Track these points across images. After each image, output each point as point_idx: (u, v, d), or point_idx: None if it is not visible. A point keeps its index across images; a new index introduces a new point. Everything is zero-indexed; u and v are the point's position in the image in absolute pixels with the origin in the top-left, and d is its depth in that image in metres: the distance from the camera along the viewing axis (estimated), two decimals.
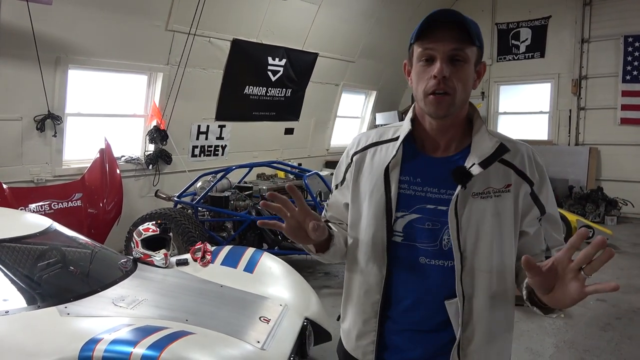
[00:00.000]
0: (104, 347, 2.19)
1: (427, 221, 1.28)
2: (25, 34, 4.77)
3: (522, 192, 1.27)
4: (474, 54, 1.24)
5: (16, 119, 5.15)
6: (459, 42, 1.20)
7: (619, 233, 7.38)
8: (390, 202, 1.30)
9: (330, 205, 1.51)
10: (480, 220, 1.24)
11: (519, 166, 1.28)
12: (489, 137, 1.28)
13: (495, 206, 1.25)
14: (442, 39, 1.20)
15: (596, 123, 9.16)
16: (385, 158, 1.33)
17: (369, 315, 1.35)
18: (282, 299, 3.16)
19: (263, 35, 7.26)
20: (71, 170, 5.68)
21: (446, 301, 1.27)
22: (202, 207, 5.41)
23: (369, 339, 1.35)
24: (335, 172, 1.49)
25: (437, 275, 1.28)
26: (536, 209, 1.29)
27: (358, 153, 1.40)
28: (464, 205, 1.24)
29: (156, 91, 6.43)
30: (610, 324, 4.27)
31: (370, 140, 1.40)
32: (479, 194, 1.25)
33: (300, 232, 1.24)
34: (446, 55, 1.20)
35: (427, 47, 1.22)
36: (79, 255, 3.32)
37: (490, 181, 1.26)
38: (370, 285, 1.34)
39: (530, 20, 9.72)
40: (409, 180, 1.30)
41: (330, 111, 9.53)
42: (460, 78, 1.22)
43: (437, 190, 1.28)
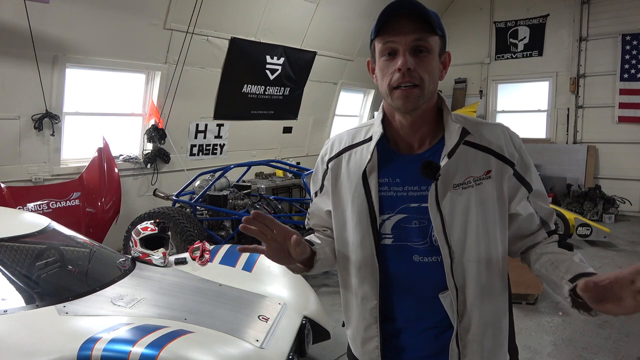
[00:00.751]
0: (102, 346, 2.19)
1: (414, 220, 1.27)
2: (23, 32, 4.76)
3: (506, 175, 1.26)
4: (436, 43, 1.21)
5: (14, 118, 5.14)
6: (421, 32, 1.17)
7: (616, 231, 7.39)
8: (372, 206, 1.28)
9: (311, 213, 1.49)
10: (465, 211, 1.23)
11: (496, 149, 1.26)
12: (453, 126, 1.26)
13: (477, 195, 1.23)
14: (403, 30, 1.17)
15: (594, 121, 9.18)
16: (361, 162, 1.31)
17: (369, 322, 1.34)
18: (281, 298, 3.16)
19: (261, 33, 7.25)
20: (69, 170, 5.67)
21: (440, 295, 1.27)
22: (201, 206, 5.41)
23: (373, 344, 1.34)
24: (313, 179, 1.47)
25: (431, 271, 1.27)
26: (523, 188, 1.29)
27: (333, 159, 1.38)
28: (445, 198, 1.23)
29: (154, 90, 6.42)
30: (608, 322, 4.28)
31: (344, 144, 1.37)
32: (460, 185, 1.23)
33: (283, 254, 1.22)
34: (409, 47, 1.18)
35: (388, 41, 1.19)
36: (78, 254, 3.31)
37: (470, 170, 1.24)
38: (365, 292, 1.33)
39: (528, 18, 9.72)
40: (389, 181, 1.29)
41: (329, 110, 9.53)
42: (426, 69, 1.19)
43: (417, 188, 1.26)
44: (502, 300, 1.33)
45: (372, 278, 1.31)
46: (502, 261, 1.29)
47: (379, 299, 1.31)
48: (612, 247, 6.72)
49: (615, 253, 6.48)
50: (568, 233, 6.60)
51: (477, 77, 10.42)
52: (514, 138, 1.31)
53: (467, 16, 10.32)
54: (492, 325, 1.30)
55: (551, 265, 1.26)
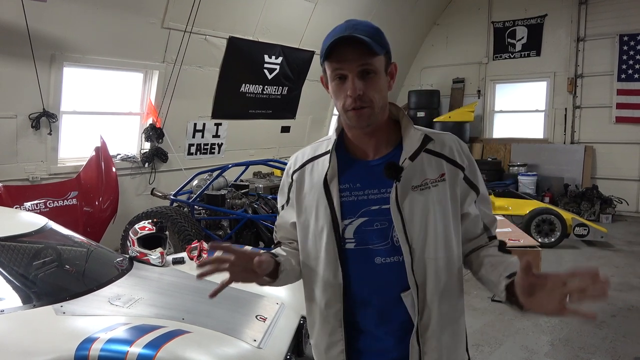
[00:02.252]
0: (100, 346, 2.18)
1: (375, 222, 1.32)
2: (20, 31, 4.74)
3: (457, 179, 1.34)
4: (381, 62, 1.29)
5: (11, 117, 5.12)
6: (366, 57, 1.25)
7: (613, 231, 7.41)
8: (334, 212, 1.33)
9: (278, 226, 1.54)
10: (424, 210, 1.30)
11: (448, 155, 1.34)
12: (414, 132, 1.35)
13: (435, 195, 1.31)
14: (349, 58, 1.26)
15: (591, 121, 9.20)
16: (321, 171, 1.37)
17: (333, 326, 1.37)
18: (279, 298, 3.15)
19: (259, 33, 7.24)
20: (67, 169, 5.66)
21: (402, 294, 1.31)
22: (199, 206, 5.40)
23: (338, 349, 1.37)
24: (279, 193, 1.53)
25: (392, 271, 1.32)
26: (472, 191, 1.36)
27: (297, 171, 1.45)
28: (405, 199, 1.29)
29: (152, 89, 6.41)
30: (605, 322, 4.29)
31: (306, 157, 1.45)
32: (418, 187, 1.30)
33: (247, 274, 1.28)
34: (356, 72, 1.26)
35: (336, 68, 1.29)
36: (75, 254, 3.31)
37: (426, 173, 1.31)
38: (329, 297, 1.36)
39: (526, 18, 9.74)
40: (349, 187, 1.34)
41: (327, 109, 9.54)
42: (375, 88, 1.27)
43: (377, 191, 1.32)
44: (460, 299, 1.39)
45: (335, 282, 1.35)
46: (458, 260, 1.36)
47: (342, 302, 1.35)
48: (609, 247, 6.74)
49: (612, 253, 6.50)
50: (565, 233, 6.62)
51: (475, 77, 10.43)
52: (462, 146, 1.39)
53: (465, 16, 10.33)
54: (449, 322, 1.34)
55: (491, 267, 1.33)
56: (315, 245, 1.38)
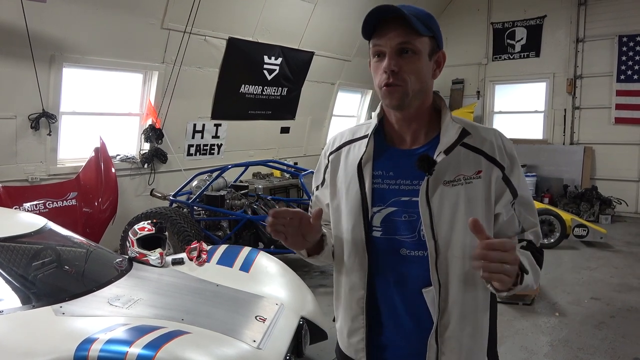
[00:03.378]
0: (99, 346, 2.18)
1: (404, 213, 1.30)
2: (20, 32, 4.74)
3: (494, 177, 1.28)
4: (425, 44, 1.25)
5: (10, 118, 5.12)
6: (405, 35, 1.22)
7: (613, 232, 7.42)
8: (365, 198, 1.32)
9: (313, 206, 1.53)
10: (453, 207, 1.26)
11: (488, 152, 1.29)
12: (452, 125, 1.30)
13: (466, 193, 1.26)
14: (388, 34, 1.23)
15: (591, 122, 9.21)
16: (357, 155, 1.36)
17: (355, 312, 1.37)
18: (278, 298, 3.16)
19: (259, 33, 7.25)
20: (66, 169, 5.65)
21: (423, 290, 1.29)
22: (198, 206, 5.40)
23: (359, 336, 1.37)
24: (315, 174, 1.52)
25: (416, 265, 1.30)
26: (508, 192, 1.30)
27: (333, 153, 1.44)
28: (435, 193, 1.26)
29: (151, 90, 6.41)
30: (604, 323, 4.29)
31: (344, 139, 1.44)
32: (450, 182, 1.26)
33: (298, 239, 1.28)
34: (394, 50, 1.23)
35: (376, 44, 1.26)
36: (74, 254, 3.31)
37: (461, 168, 1.27)
38: (353, 282, 1.36)
39: (525, 19, 9.75)
40: (382, 174, 1.33)
41: (326, 110, 9.54)
42: (412, 70, 1.24)
43: (409, 182, 1.29)
44: (485, 302, 1.35)
45: (360, 268, 1.34)
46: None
47: (366, 289, 1.34)
48: (609, 248, 6.74)
49: (611, 254, 6.50)
50: (565, 234, 6.62)
51: (474, 78, 10.44)
52: (506, 143, 1.33)
53: (464, 17, 10.34)
54: (471, 323, 1.31)
55: None
56: (345, 229, 1.36)
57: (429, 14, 1.26)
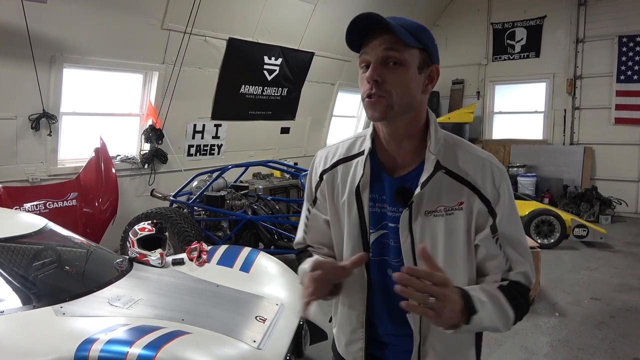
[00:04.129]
0: (99, 347, 2.18)
1: (390, 238, 1.31)
2: (20, 32, 4.75)
3: (476, 209, 1.22)
4: (414, 56, 1.19)
5: (11, 118, 5.12)
6: (390, 45, 1.17)
7: (613, 232, 7.42)
8: (364, 221, 1.31)
9: (310, 228, 1.46)
10: (433, 238, 1.24)
11: (473, 182, 1.22)
12: (428, 155, 1.23)
13: (446, 224, 1.23)
14: (373, 43, 1.18)
15: (591, 123, 9.21)
16: (355, 176, 1.32)
17: (355, 326, 1.39)
18: (278, 299, 3.16)
19: (259, 34, 7.25)
20: (66, 170, 5.66)
21: (407, 314, 1.29)
22: (198, 207, 5.40)
23: (358, 346, 1.40)
24: (306, 193, 1.46)
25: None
26: (489, 227, 1.23)
27: (327, 171, 1.39)
28: (416, 222, 1.24)
29: (152, 90, 6.41)
30: (604, 323, 4.29)
31: (337, 156, 1.38)
32: (431, 212, 1.23)
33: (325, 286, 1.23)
34: (378, 59, 1.18)
35: (362, 53, 1.21)
36: (75, 255, 3.31)
37: (442, 199, 1.23)
38: (353, 300, 1.37)
39: (525, 20, 9.75)
40: (376, 197, 1.31)
41: (327, 110, 9.54)
42: (397, 82, 1.17)
43: (395, 209, 1.28)
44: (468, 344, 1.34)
45: (360, 288, 1.35)
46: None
47: (365, 307, 1.36)
48: (609, 248, 6.75)
49: (611, 254, 6.51)
50: (565, 234, 6.62)
51: (474, 78, 10.44)
52: (496, 174, 1.24)
53: (464, 17, 10.35)
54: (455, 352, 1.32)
55: None
56: (345, 250, 1.36)
57: (422, 26, 1.21)
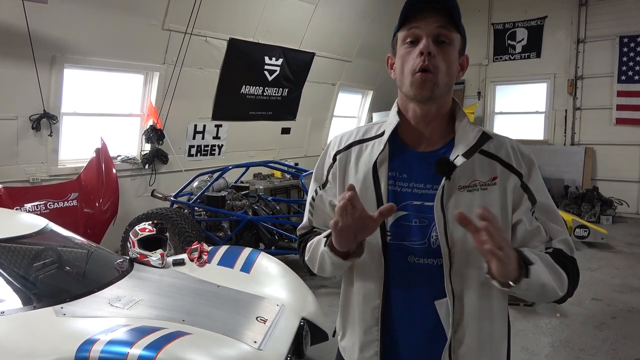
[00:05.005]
0: (100, 347, 2.18)
1: (415, 218, 1.23)
2: (21, 32, 4.74)
3: (511, 184, 1.23)
4: (457, 40, 1.23)
5: (11, 118, 5.12)
6: (444, 25, 1.19)
7: (614, 232, 7.40)
8: (381, 200, 1.24)
9: (316, 210, 1.40)
10: (469, 213, 1.14)
11: (504, 158, 1.25)
12: (471, 128, 1.26)
13: (482, 199, 1.20)
14: (428, 20, 1.19)
15: (592, 123, 9.21)
16: (372, 155, 1.29)
17: (369, 324, 1.29)
18: (279, 299, 3.16)
19: (260, 34, 7.25)
20: (67, 170, 5.66)
21: (436, 301, 1.22)
22: (199, 207, 5.40)
23: (372, 350, 1.29)
24: (315, 175, 1.42)
25: (425, 274, 1.23)
26: (527, 199, 1.24)
27: (341, 152, 1.35)
28: (450, 198, 1.20)
29: (152, 90, 6.42)
30: (605, 323, 4.29)
31: (353, 138, 1.36)
32: (465, 187, 1.21)
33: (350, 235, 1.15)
34: (432, 34, 1.19)
35: (412, 27, 1.20)
36: (75, 255, 3.31)
37: (476, 174, 1.22)
38: (368, 289, 1.28)
39: (526, 20, 9.75)
40: (395, 175, 1.26)
41: (327, 111, 9.54)
42: (445, 59, 1.19)
43: (423, 186, 1.23)
44: (502, 319, 1.28)
45: (377, 275, 1.26)
46: None
47: (382, 299, 1.26)
48: (610, 249, 6.74)
49: (612, 254, 6.50)
50: None
51: (475, 79, 10.44)
52: (523, 150, 1.29)
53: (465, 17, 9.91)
54: (488, 343, 1.25)
55: None
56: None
57: (459, 12, 1.23)
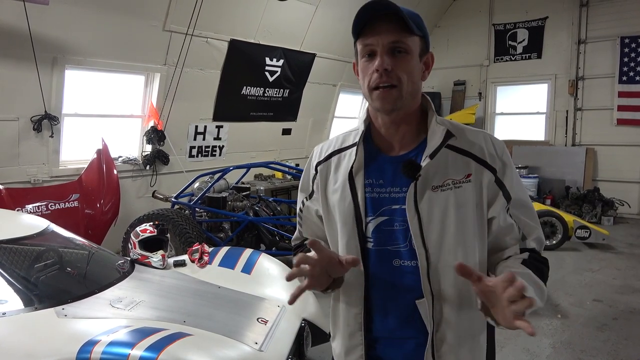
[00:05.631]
0: (101, 349, 2.18)
1: (395, 222, 1.25)
2: (22, 34, 4.76)
3: (485, 180, 1.23)
4: (416, 44, 1.22)
5: (13, 120, 5.13)
6: (398, 34, 1.18)
7: (615, 233, 7.39)
8: (358, 208, 1.27)
9: (304, 220, 1.46)
10: (443, 213, 1.21)
11: (478, 154, 1.24)
12: (437, 127, 1.26)
13: (456, 198, 1.21)
14: (381, 32, 1.19)
15: (593, 124, 9.20)
16: (348, 164, 1.31)
17: (353, 329, 1.32)
18: (280, 300, 3.15)
19: (260, 35, 7.26)
20: (68, 171, 5.67)
21: (417, 301, 1.24)
22: (200, 208, 5.41)
23: (357, 354, 1.32)
24: (301, 186, 1.45)
25: (409, 276, 1.25)
26: (502, 195, 1.24)
27: (322, 163, 1.37)
28: (423, 199, 1.21)
29: (153, 91, 6.43)
30: (607, 325, 4.28)
31: (332, 148, 1.38)
32: (438, 187, 1.22)
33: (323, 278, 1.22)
34: (386, 48, 1.19)
35: (367, 43, 1.22)
36: (76, 256, 3.31)
37: (449, 172, 1.22)
38: (350, 297, 1.31)
39: (527, 21, 9.74)
40: (373, 182, 1.28)
41: (328, 111, 9.54)
42: (404, 69, 1.20)
43: (399, 189, 1.25)
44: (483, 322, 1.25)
45: (357, 282, 1.29)
46: (481, 270, 1.22)
47: (363, 305, 1.29)
48: (611, 250, 6.73)
49: (613, 255, 6.49)
50: (567, 235, 6.60)
51: (476, 79, 10.44)
52: (497, 144, 1.27)
53: (466, 18, 10.34)
54: (469, 338, 1.26)
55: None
56: (340, 242, 1.30)
57: (418, 14, 1.23)
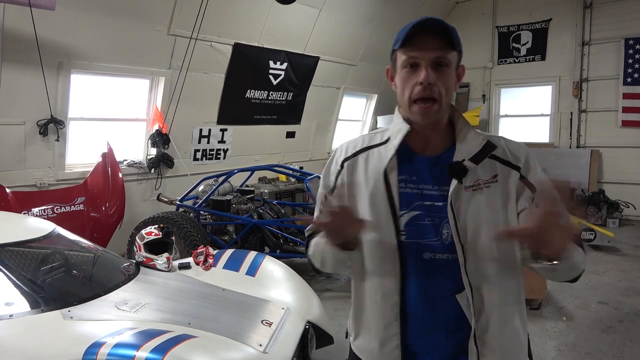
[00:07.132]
0: (107, 350, 2.20)
1: (427, 217, 1.32)
2: (28, 39, 4.80)
3: (511, 179, 1.33)
4: (455, 58, 1.30)
5: (19, 124, 5.18)
6: (442, 49, 1.26)
7: (620, 235, 7.35)
8: (393, 202, 1.33)
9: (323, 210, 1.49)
10: (476, 211, 1.29)
11: (502, 156, 1.34)
12: (475, 135, 1.36)
13: (487, 197, 1.30)
14: (426, 46, 1.26)
15: (597, 125, 9.16)
16: (380, 160, 1.37)
17: (389, 319, 1.35)
18: (284, 302, 3.16)
19: (264, 39, 7.29)
20: (74, 175, 5.70)
21: (457, 295, 1.30)
22: (204, 211, 5.42)
23: (393, 344, 1.35)
24: (323, 182, 1.49)
25: (442, 269, 1.31)
26: (528, 190, 1.33)
27: (349, 159, 1.43)
28: (458, 198, 1.29)
29: (158, 95, 6.46)
30: (612, 327, 4.26)
31: (360, 146, 1.44)
32: (470, 187, 1.30)
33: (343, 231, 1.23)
34: (431, 62, 1.26)
35: (411, 55, 1.28)
36: (82, 259, 3.33)
37: (479, 174, 1.31)
38: (387, 287, 1.35)
39: (530, 23, 9.73)
40: (406, 179, 1.34)
41: (332, 114, 9.55)
42: (444, 83, 1.27)
43: (431, 187, 1.32)
44: (519, 303, 1.36)
45: (393, 273, 1.33)
46: (516, 262, 1.31)
47: (399, 295, 1.33)
48: (616, 252, 6.70)
49: (619, 257, 6.46)
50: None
51: (479, 82, 10.42)
52: (517, 145, 1.38)
53: (469, 21, 10.33)
54: (510, 322, 1.33)
55: None
56: (372, 235, 1.33)
57: (454, 27, 1.29)
